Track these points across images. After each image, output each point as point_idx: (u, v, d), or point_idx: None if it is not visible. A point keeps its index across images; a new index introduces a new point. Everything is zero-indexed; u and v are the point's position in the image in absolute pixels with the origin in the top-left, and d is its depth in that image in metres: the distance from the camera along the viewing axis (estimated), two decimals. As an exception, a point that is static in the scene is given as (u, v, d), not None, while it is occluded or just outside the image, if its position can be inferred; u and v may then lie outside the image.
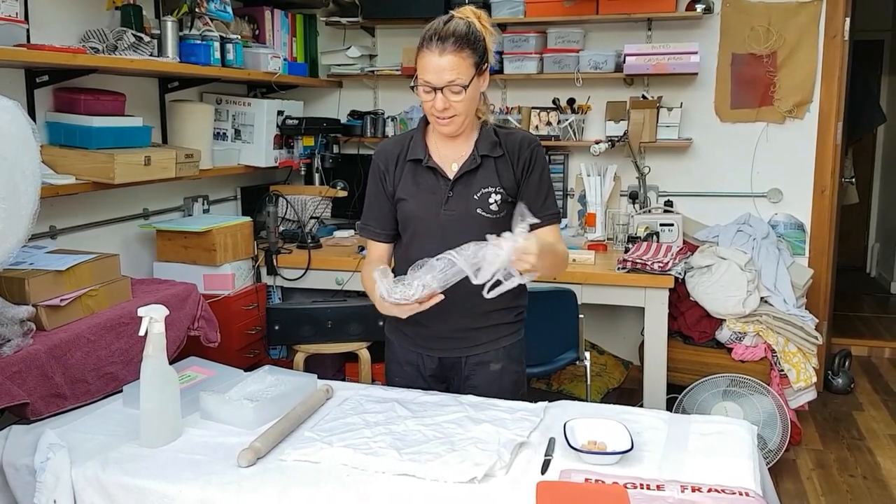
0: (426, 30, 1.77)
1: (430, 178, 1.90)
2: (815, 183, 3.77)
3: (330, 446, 1.59)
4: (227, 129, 3.58)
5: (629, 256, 3.19)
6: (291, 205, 3.70)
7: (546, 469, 1.53)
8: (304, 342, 3.13)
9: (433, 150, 1.91)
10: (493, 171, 1.88)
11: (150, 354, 1.62)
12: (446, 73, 1.74)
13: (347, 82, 4.21)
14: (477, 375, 1.95)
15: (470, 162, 1.88)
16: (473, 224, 1.86)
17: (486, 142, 1.88)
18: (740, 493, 1.43)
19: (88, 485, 1.53)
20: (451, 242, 1.85)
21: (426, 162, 1.89)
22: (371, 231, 1.98)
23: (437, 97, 1.76)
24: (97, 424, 1.76)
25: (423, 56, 1.76)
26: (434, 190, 1.89)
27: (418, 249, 1.91)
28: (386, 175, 1.93)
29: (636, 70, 3.63)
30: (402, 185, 1.92)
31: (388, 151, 1.94)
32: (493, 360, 1.95)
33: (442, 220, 1.88)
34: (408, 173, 1.91)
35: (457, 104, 1.77)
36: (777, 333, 3.32)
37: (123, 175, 2.65)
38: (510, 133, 1.92)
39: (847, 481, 3.13)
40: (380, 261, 1.93)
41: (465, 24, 1.77)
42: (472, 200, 1.87)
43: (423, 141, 1.92)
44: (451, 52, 1.73)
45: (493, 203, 1.87)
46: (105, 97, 2.79)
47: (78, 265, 2.28)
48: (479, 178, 1.88)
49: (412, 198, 1.90)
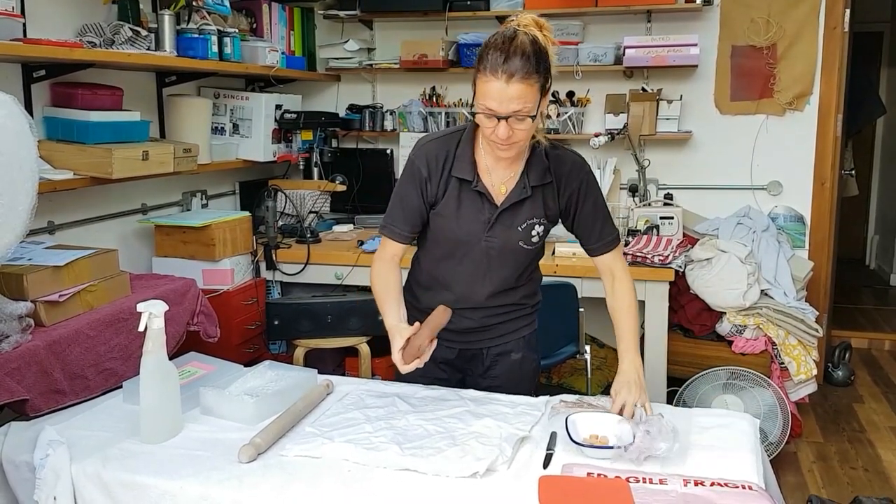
0: (487, 47, 1.61)
1: (476, 201, 1.78)
2: (815, 175, 3.76)
3: (331, 441, 1.58)
4: (225, 124, 3.56)
5: (629, 250, 3.18)
6: (290, 199, 3.69)
7: (548, 463, 1.53)
8: (304, 337, 3.13)
9: (482, 169, 1.77)
10: (541, 201, 1.80)
11: (149, 350, 1.61)
12: (514, 104, 1.58)
13: (346, 76, 4.19)
14: (498, 365, 1.95)
15: (519, 191, 1.77)
16: (512, 255, 1.83)
17: (538, 169, 1.77)
18: (743, 487, 1.42)
19: (88, 481, 1.53)
20: (485, 269, 1.84)
21: (475, 185, 1.76)
22: (396, 232, 1.83)
23: (500, 125, 1.60)
24: (97, 421, 1.76)
25: (485, 81, 1.59)
26: (479, 215, 1.78)
27: (450, 270, 1.86)
28: (427, 183, 1.78)
29: (635, 62, 3.61)
30: (444, 202, 1.79)
31: (431, 157, 1.78)
32: (514, 350, 1.94)
33: (483, 248, 1.81)
34: (452, 190, 1.78)
35: (520, 132, 1.63)
36: (777, 326, 3.31)
37: (121, 170, 2.63)
38: (560, 157, 1.80)
39: (848, 473, 3.13)
40: (394, 259, 1.86)
41: (530, 42, 1.60)
42: (516, 232, 1.80)
43: (471, 157, 1.77)
44: (519, 79, 1.56)
45: (536, 235, 1.82)
46: (102, 91, 2.77)
47: (76, 260, 2.27)
48: (526, 208, 1.79)
49: (454, 218, 1.79)
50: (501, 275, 1.85)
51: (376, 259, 1.87)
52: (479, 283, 1.85)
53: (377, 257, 1.88)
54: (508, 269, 1.85)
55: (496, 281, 1.85)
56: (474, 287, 1.85)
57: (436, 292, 1.89)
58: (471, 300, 1.87)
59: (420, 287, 1.94)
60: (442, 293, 1.87)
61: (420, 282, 1.94)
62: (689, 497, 1.38)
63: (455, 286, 1.87)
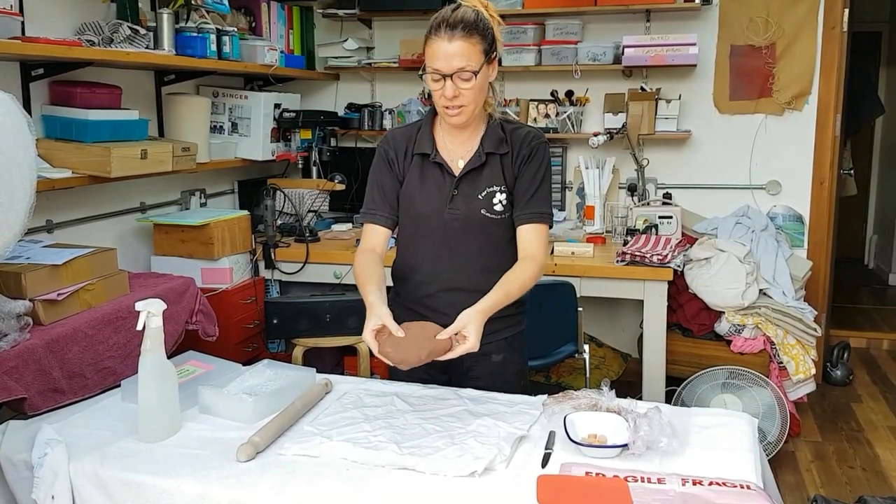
0: (434, 18, 1.76)
1: (437, 173, 1.87)
2: (814, 175, 3.76)
3: (329, 440, 1.58)
4: (224, 123, 3.56)
5: (628, 249, 3.18)
6: (289, 198, 3.68)
7: (546, 462, 1.53)
8: (303, 336, 3.12)
9: (440, 145, 1.88)
10: (499, 170, 1.86)
11: (147, 349, 1.61)
12: (456, 60, 1.71)
13: (344, 75, 4.19)
14: (479, 367, 1.93)
15: (475, 159, 1.85)
16: (477, 226, 1.86)
17: (493, 138, 1.86)
18: (741, 486, 1.42)
19: (87, 480, 1.53)
20: (454, 246, 1.87)
21: (433, 157, 1.86)
22: (377, 215, 1.91)
23: (446, 84, 1.73)
24: (95, 419, 1.76)
25: (431, 43, 1.74)
26: (439, 187, 1.86)
27: (418, 252, 1.91)
28: (395, 163, 1.90)
29: (634, 62, 3.61)
30: (408, 179, 1.89)
31: (397, 140, 1.91)
32: (495, 352, 1.92)
33: (446, 220, 1.86)
34: (415, 166, 1.88)
35: (466, 92, 1.74)
36: (776, 326, 3.31)
37: (120, 168, 2.62)
38: (517, 128, 1.89)
39: (846, 472, 3.13)
40: (376, 250, 1.89)
41: (473, 12, 1.75)
42: (477, 200, 1.85)
43: (430, 134, 1.89)
44: (461, 38, 1.71)
45: (498, 203, 1.85)
46: (101, 90, 2.77)
47: (75, 259, 2.27)
48: (485, 176, 1.85)
49: (418, 194, 1.88)
50: (466, 250, 1.86)
51: (358, 252, 1.90)
52: (444, 260, 1.87)
53: (359, 250, 1.91)
54: (474, 245, 1.86)
55: (460, 257, 1.87)
56: (439, 263, 1.88)
57: (408, 278, 1.93)
58: (438, 279, 1.88)
59: (398, 280, 1.98)
60: (412, 277, 1.91)
61: (397, 275, 1.98)
62: (688, 496, 1.38)
63: (422, 264, 1.90)
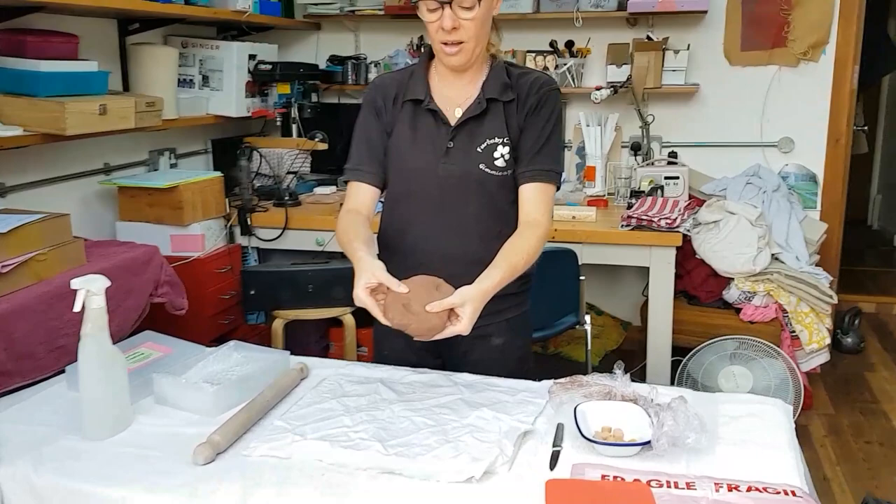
0: None
1: (430, 122, 1.65)
2: (830, 131, 3.54)
3: (302, 438, 1.36)
4: (195, 76, 3.29)
5: (633, 213, 2.96)
6: (266, 159, 3.45)
7: (555, 463, 1.31)
8: (284, 307, 2.91)
9: (435, 90, 1.66)
10: (502, 119, 1.63)
11: (88, 333, 1.39)
12: None
13: (326, 24, 3.93)
14: (477, 350, 1.70)
15: (475, 106, 1.62)
16: (475, 184, 1.62)
17: (496, 83, 1.63)
18: (785, 493, 1.21)
19: (17, 486, 1.31)
20: (449, 208, 1.63)
21: (427, 103, 1.64)
22: (363, 171, 1.69)
23: (444, 14, 1.51)
24: (36, 412, 1.54)
25: None
26: (433, 138, 1.64)
27: (409, 214, 1.67)
28: (383, 112, 1.69)
29: (640, 8, 3.35)
30: (397, 129, 1.67)
31: (387, 86, 1.69)
32: (495, 334, 1.70)
33: (441, 176, 1.63)
34: (405, 115, 1.66)
35: (467, 24, 1.52)
36: (789, 293, 3.12)
37: (76, 125, 2.41)
38: (524, 73, 1.67)
39: (862, 448, 2.96)
40: (360, 211, 1.66)
41: None
42: (476, 154, 1.62)
43: (424, 78, 1.67)
44: None
45: (500, 158, 1.62)
46: (55, 39, 2.54)
47: (22, 226, 2.09)
48: (486, 126, 1.63)
49: (408, 146, 1.66)
50: (463, 211, 1.64)
51: (341, 213, 1.68)
52: (437, 224, 1.65)
53: (342, 210, 1.68)
54: (472, 206, 1.64)
55: (455, 221, 1.64)
56: (431, 227, 1.65)
57: (395, 246, 1.70)
58: (430, 245, 1.65)
59: (383, 248, 1.73)
60: (400, 244, 1.69)
61: (382, 242, 1.74)
62: (723, 505, 1.17)
63: (412, 228, 1.67)
